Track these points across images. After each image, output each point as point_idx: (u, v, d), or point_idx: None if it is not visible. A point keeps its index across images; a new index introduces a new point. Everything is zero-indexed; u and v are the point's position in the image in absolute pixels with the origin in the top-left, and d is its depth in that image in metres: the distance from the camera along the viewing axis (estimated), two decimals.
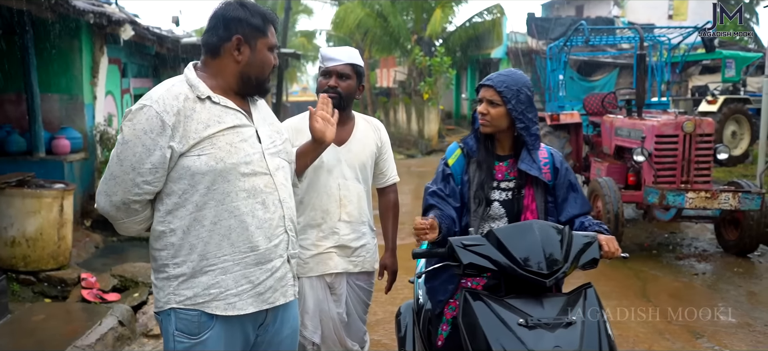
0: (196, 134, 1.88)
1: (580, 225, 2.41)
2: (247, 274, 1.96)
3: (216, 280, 1.93)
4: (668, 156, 6.45)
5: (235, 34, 1.96)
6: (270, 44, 2.02)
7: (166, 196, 1.92)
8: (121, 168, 1.87)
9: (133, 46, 8.94)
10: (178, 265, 1.93)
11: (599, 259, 2.17)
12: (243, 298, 1.96)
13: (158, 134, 1.84)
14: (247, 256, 1.95)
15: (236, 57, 1.97)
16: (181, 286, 1.93)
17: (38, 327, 3.94)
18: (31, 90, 6.71)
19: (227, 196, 1.91)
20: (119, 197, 1.90)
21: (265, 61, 2.02)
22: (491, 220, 2.46)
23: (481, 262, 2.07)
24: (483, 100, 2.45)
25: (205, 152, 1.88)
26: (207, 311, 1.93)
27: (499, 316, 1.98)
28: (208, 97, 1.93)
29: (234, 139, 1.93)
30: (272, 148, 2.05)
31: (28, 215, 4.91)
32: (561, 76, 8.82)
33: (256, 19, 1.97)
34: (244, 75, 1.99)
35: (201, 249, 1.91)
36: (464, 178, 2.50)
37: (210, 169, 1.88)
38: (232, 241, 1.93)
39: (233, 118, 1.96)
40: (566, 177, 2.51)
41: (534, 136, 2.44)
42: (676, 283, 5.71)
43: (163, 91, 1.91)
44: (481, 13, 20.56)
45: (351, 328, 2.87)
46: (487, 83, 2.43)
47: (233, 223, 1.93)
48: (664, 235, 7.55)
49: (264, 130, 2.05)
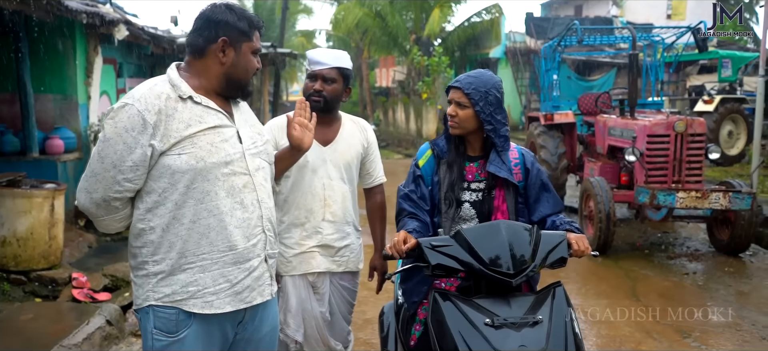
0: (177, 133, 1.91)
1: (551, 224, 2.42)
2: (225, 273, 1.99)
3: (194, 278, 1.96)
4: (660, 156, 6.47)
5: (221, 36, 1.99)
6: (254, 48, 2.06)
7: (146, 194, 1.95)
8: (102, 165, 1.90)
9: (129, 46, 8.96)
10: (157, 262, 1.96)
11: (567, 258, 2.18)
12: (220, 296, 1.99)
13: (139, 132, 1.87)
14: (225, 254, 1.98)
15: (221, 59, 2.01)
16: (160, 284, 1.96)
17: (26, 326, 3.96)
18: (24, 90, 6.73)
19: (207, 195, 1.95)
20: (100, 194, 1.93)
21: (248, 65, 2.06)
22: (462, 221, 2.48)
23: (448, 262, 2.09)
24: (452, 102, 2.46)
25: (186, 151, 1.91)
26: (185, 309, 1.96)
27: (467, 316, 2.00)
28: (189, 96, 1.96)
29: (215, 138, 1.96)
30: (253, 148, 2.08)
31: (19, 215, 4.94)
32: (555, 75, 8.82)
33: (242, 23, 2.01)
34: (228, 77, 2.03)
35: (180, 247, 1.95)
36: (434, 179, 2.52)
37: (190, 168, 1.91)
38: (211, 239, 1.96)
39: (214, 118, 1.99)
40: (538, 177, 2.52)
41: (503, 138, 2.45)
42: (666, 282, 5.72)
43: (145, 90, 1.94)
44: (480, 13, 20.54)
45: (334, 328, 2.89)
46: (455, 85, 2.44)
47: (212, 222, 1.96)
48: (656, 235, 7.56)
49: (245, 131, 2.09)
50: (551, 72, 8.86)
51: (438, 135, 2.74)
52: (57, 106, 7.40)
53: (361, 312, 4.85)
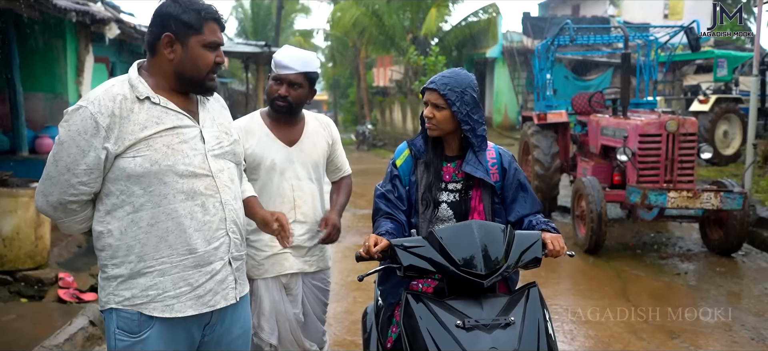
0: (132, 135, 1.86)
1: (528, 224, 2.39)
2: (186, 277, 1.95)
3: (154, 282, 1.92)
4: (651, 155, 6.44)
5: (165, 31, 1.91)
6: (206, 41, 1.94)
7: (105, 197, 1.92)
8: (56, 168, 1.87)
9: (122, 44, 8.93)
10: (116, 265, 1.93)
11: (541, 258, 2.15)
12: (181, 300, 1.95)
13: (92, 135, 1.83)
14: (185, 258, 1.94)
15: (168, 55, 1.92)
16: (120, 287, 1.93)
17: (8, 327, 3.93)
18: (13, 88, 6.72)
19: (164, 198, 1.90)
20: (55, 197, 1.90)
21: (199, 60, 1.94)
22: (439, 221, 2.45)
23: (420, 263, 2.06)
24: (428, 103, 2.43)
25: (141, 154, 1.86)
26: (145, 313, 1.92)
27: (438, 317, 1.97)
28: (147, 97, 1.90)
29: (172, 140, 1.91)
30: (217, 149, 2.02)
31: (4, 214, 4.90)
32: (549, 75, 8.79)
33: (188, 16, 1.90)
34: (177, 74, 1.95)
35: (138, 250, 1.91)
36: (412, 179, 2.49)
37: (145, 172, 1.87)
38: (170, 243, 1.92)
39: (174, 119, 1.93)
40: (515, 177, 2.49)
41: (480, 138, 2.43)
42: (657, 282, 5.70)
43: (102, 91, 1.89)
44: (477, 13, 20.54)
45: (309, 329, 2.87)
46: (430, 86, 2.41)
47: (170, 225, 1.92)
48: (649, 235, 7.53)
49: (210, 131, 2.03)
50: (545, 71, 8.83)
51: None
52: (47, 104, 7.38)
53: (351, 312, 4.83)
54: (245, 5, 29.83)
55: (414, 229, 2.20)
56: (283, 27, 29.70)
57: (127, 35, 8.05)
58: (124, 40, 8.40)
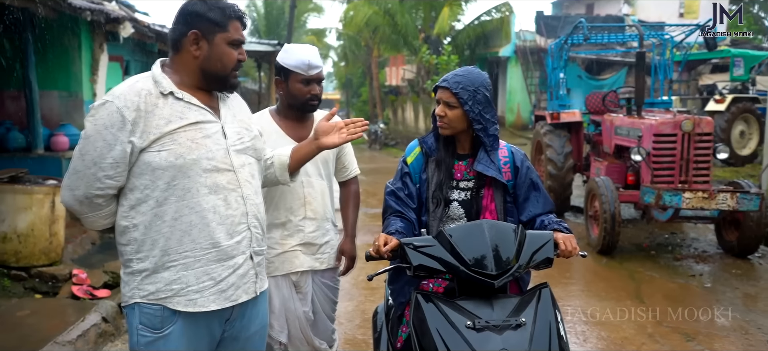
0: (157, 130, 1.89)
1: (540, 224, 2.37)
2: (209, 271, 1.97)
3: (177, 276, 1.94)
4: (666, 155, 6.37)
5: (192, 28, 1.96)
6: (230, 39, 2.00)
7: (129, 192, 1.94)
8: (83, 163, 1.89)
9: (136, 44, 8.98)
10: (141, 260, 1.95)
11: (553, 259, 2.12)
12: (204, 294, 1.97)
13: (118, 129, 1.86)
14: (208, 252, 1.96)
15: (194, 52, 1.97)
16: (144, 281, 1.95)
17: (22, 322, 3.97)
18: (29, 87, 6.77)
19: (188, 192, 1.93)
20: (81, 191, 1.92)
21: (224, 56, 2.00)
22: (450, 220, 2.43)
23: (429, 263, 2.05)
24: (440, 102, 2.42)
25: (166, 148, 1.89)
26: (169, 307, 1.95)
27: (448, 317, 1.95)
28: (171, 92, 1.94)
29: (196, 135, 1.94)
30: (239, 144, 2.05)
31: (19, 211, 4.95)
32: (562, 74, 8.73)
33: (214, 14, 1.96)
34: (203, 71, 2.00)
35: (162, 244, 1.93)
36: (422, 177, 2.48)
37: (170, 165, 1.89)
38: (193, 237, 1.94)
39: (196, 114, 1.97)
40: (527, 176, 2.47)
41: (492, 137, 2.41)
42: (672, 284, 5.63)
43: (126, 87, 1.93)
44: (490, 12, 20.44)
45: (318, 327, 2.86)
46: (443, 84, 2.40)
47: (194, 219, 1.94)
48: (663, 236, 7.45)
49: (231, 126, 2.06)
50: (558, 70, 8.78)
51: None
52: (63, 103, 7.44)
53: (359, 311, 4.83)
54: (258, 4, 29.93)
55: (424, 228, 2.18)
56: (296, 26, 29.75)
57: (141, 34, 8.10)
58: (138, 39, 8.45)
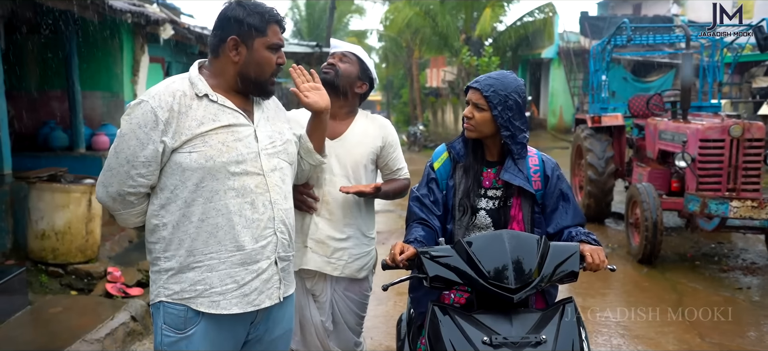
0: (189, 131, 1.91)
1: (567, 236, 2.26)
2: (233, 274, 1.97)
3: (202, 277, 1.96)
4: (713, 162, 6.08)
5: (231, 34, 1.97)
6: (270, 43, 2.01)
7: (160, 191, 1.96)
8: (117, 160, 1.93)
9: (178, 45, 9.13)
10: (168, 259, 1.97)
11: (578, 272, 2.01)
12: (227, 297, 1.97)
13: (151, 128, 1.88)
14: (232, 255, 1.97)
15: (233, 57, 1.99)
16: (170, 280, 1.97)
17: (53, 319, 4.04)
18: (72, 87, 6.95)
19: (216, 194, 1.94)
20: (115, 188, 1.95)
21: (263, 61, 2.01)
22: (476, 229, 2.35)
23: (446, 274, 1.96)
24: (469, 103, 2.33)
25: (197, 149, 1.91)
26: (192, 307, 1.96)
27: (465, 332, 1.86)
28: (205, 94, 1.97)
29: (227, 138, 1.95)
30: (271, 148, 2.06)
31: (57, 209, 5.06)
32: (604, 76, 8.46)
33: (253, 19, 1.97)
34: (242, 75, 2.01)
35: (189, 245, 1.95)
36: (449, 184, 2.39)
37: (199, 167, 1.91)
38: (219, 239, 1.95)
39: (230, 117, 1.98)
40: (557, 186, 2.36)
41: (520, 145, 2.32)
42: (716, 297, 5.36)
43: (162, 87, 1.96)
44: (532, 13, 20.09)
45: (340, 337, 2.78)
46: (474, 86, 2.32)
47: (220, 221, 1.95)
48: (709, 246, 7.13)
49: (264, 130, 2.06)
50: (600, 73, 8.52)
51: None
52: (104, 103, 7.61)
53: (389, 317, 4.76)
54: (300, 5, 30.20)
55: (442, 238, 2.10)
56: (338, 28, 29.90)
57: (181, 36, 8.22)
58: (179, 41, 8.59)
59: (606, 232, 7.74)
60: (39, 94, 7.57)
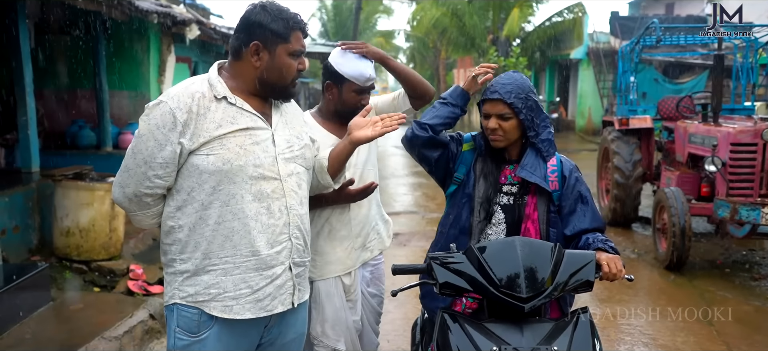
0: (207, 133, 1.90)
1: (584, 242, 2.19)
2: (247, 279, 1.96)
3: (216, 281, 1.95)
4: (745, 166, 5.89)
5: (254, 39, 1.96)
6: (292, 50, 2.00)
7: (176, 192, 1.96)
8: (134, 161, 1.92)
9: (204, 45, 9.23)
10: (183, 261, 1.96)
11: (594, 282, 1.94)
12: (240, 302, 1.96)
13: (170, 130, 1.87)
14: (247, 259, 1.96)
15: (254, 62, 1.98)
16: (185, 283, 1.96)
17: (74, 315, 4.10)
18: (100, 87, 7.07)
19: (232, 197, 1.93)
20: (132, 189, 1.94)
21: (284, 67, 2.00)
22: (491, 225, 2.32)
23: (456, 281, 1.91)
24: (491, 116, 2.28)
25: (214, 152, 1.90)
26: (206, 310, 1.95)
27: (473, 340, 1.82)
28: (224, 97, 1.96)
29: (245, 141, 1.94)
30: (288, 152, 2.04)
31: (82, 207, 5.14)
32: (632, 77, 8.28)
33: (276, 25, 1.96)
34: (263, 80, 2.00)
35: (204, 247, 1.94)
36: (471, 174, 2.38)
37: (217, 170, 1.90)
38: (235, 243, 1.94)
39: (248, 120, 1.97)
40: (575, 188, 2.31)
41: (546, 141, 2.31)
42: (746, 306, 5.19)
43: (182, 88, 1.95)
44: (561, 13, 19.84)
45: (364, 339, 2.80)
46: (494, 97, 2.27)
47: (236, 226, 1.94)
48: (741, 253, 6.91)
49: (282, 134, 2.05)
50: (628, 74, 8.34)
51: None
52: (131, 102, 7.74)
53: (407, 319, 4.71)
54: (328, 5, 30.34)
55: (453, 244, 2.05)
56: (366, 28, 29.98)
57: (207, 36, 8.30)
58: (206, 41, 8.68)
59: (633, 237, 7.57)
60: (68, 94, 7.73)
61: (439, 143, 2.36)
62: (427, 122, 2.34)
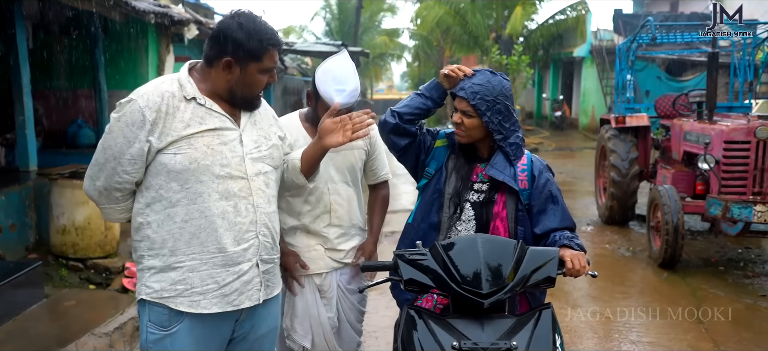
0: (175, 132, 1.94)
1: (552, 239, 2.23)
2: (214, 275, 2.00)
3: (183, 277, 1.99)
4: (738, 164, 5.89)
5: (227, 55, 1.98)
6: (263, 68, 2.03)
7: (146, 190, 2.00)
8: (104, 155, 1.97)
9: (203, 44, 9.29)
10: (152, 257, 2.01)
11: (555, 278, 1.97)
12: (207, 297, 2.00)
13: (138, 128, 1.91)
14: (214, 256, 2.00)
15: (226, 75, 2.01)
16: (152, 279, 2.00)
17: (67, 312, 4.16)
18: (98, 86, 7.14)
19: (199, 196, 1.97)
20: (101, 183, 1.99)
21: (254, 83, 2.04)
22: (460, 222, 2.35)
23: (420, 277, 1.95)
24: (457, 109, 2.33)
25: (182, 151, 1.94)
26: (171, 306, 1.99)
27: (436, 336, 1.86)
28: (194, 97, 1.99)
29: (213, 141, 1.98)
30: (255, 152, 2.08)
31: (77, 205, 5.21)
32: (629, 76, 8.28)
33: (251, 44, 1.97)
34: (232, 91, 2.04)
35: (171, 245, 1.98)
36: (443, 171, 2.41)
37: (184, 169, 1.94)
38: (201, 240, 1.98)
39: (216, 121, 2.01)
40: (546, 187, 2.33)
41: (514, 145, 2.33)
42: (738, 304, 5.19)
43: (152, 87, 1.99)
44: (565, 11, 19.80)
45: (342, 337, 2.80)
46: (460, 94, 2.31)
47: (203, 223, 1.98)
48: (736, 251, 6.91)
49: (250, 134, 2.09)
50: (625, 72, 8.34)
51: None
52: None
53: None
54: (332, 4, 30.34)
55: (419, 241, 2.09)
56: (370, 26, 29.98)
57: (205, 35, 8.34)
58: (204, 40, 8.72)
59: (630, 235, 7.58)
60: (68, 93, 7.79)
61: (407, 132, 2.40)
62: (397, 110, 2.39)
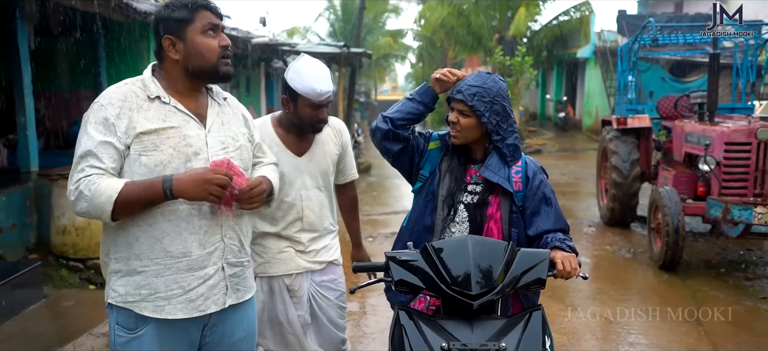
0: (140, 127, 1.92)
1: (544, 241, 2.22)
2: (179, 280, 1.97)
3: (147, 282, 1.95)
4: (739, 166, 5.87)
5: (164, 34, 1.98)
6: (201, 28, 1.97)
7: None
8: (76, 156, 1.95)
9: None
10: (117, 260, 1.98)
11: (546, 279, 1.97)
12: (172, 302, 1.97)
13: (104, 126, 1.90)
14: (179, 260, 1.96)
15: (173, 55, 1.99)
16: (117, 283, 1.98)
17: (65, 312, 4.18)
18: (100, 87, 7.16)
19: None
20: (73, 183, 1.95)
21: (203, 47, 1.98)
22: (454, 224, 2.35)
23: (411, 279, 1.95)
24: (454, 109, 2.32)
25: (146, 153, 1.91)
26: (136, 311, 1.96)
27: (425, 337, 1.85)
28: (158, 97, 1.97)
29: (179, 143, 1.95)
30: (221, 153, 2.03)
31: None
32: (631, 77, 8.26)
33: (179, 12, 1.97)
34: (189, 70, 2.00)
35: (136, 249, 1.95)
36: (436, 173, 2.40)
37: (148, 172, 1.91)
38: (165, 245, 1.95)
39: (180, 119, 1.98)
40: (540, 189, 2.33)
41: (512, 147, 2.33)
42: (738, 306, 5.17)
43: (115, 88, 1.98)
44: (568, 11, 19.75)
45: (322, 334, 2.79)
46: (457, 97, 2.30)
47: (167, 227, 1.95)
48: (738, 253, 6.88)
49: (216, 135, 2.05)
50: (626, 73, 8.32)
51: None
52: None
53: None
54: (336, 5, 30.38)
55: (410, 242, 2.09)
56: (374, 27, 29.97)
57: None
58: None
59: (631, 236, 7.56)
60: (70, 94, 7.84)
61: (400, 137, 2.39)
62: (389, 115, 2.38)
